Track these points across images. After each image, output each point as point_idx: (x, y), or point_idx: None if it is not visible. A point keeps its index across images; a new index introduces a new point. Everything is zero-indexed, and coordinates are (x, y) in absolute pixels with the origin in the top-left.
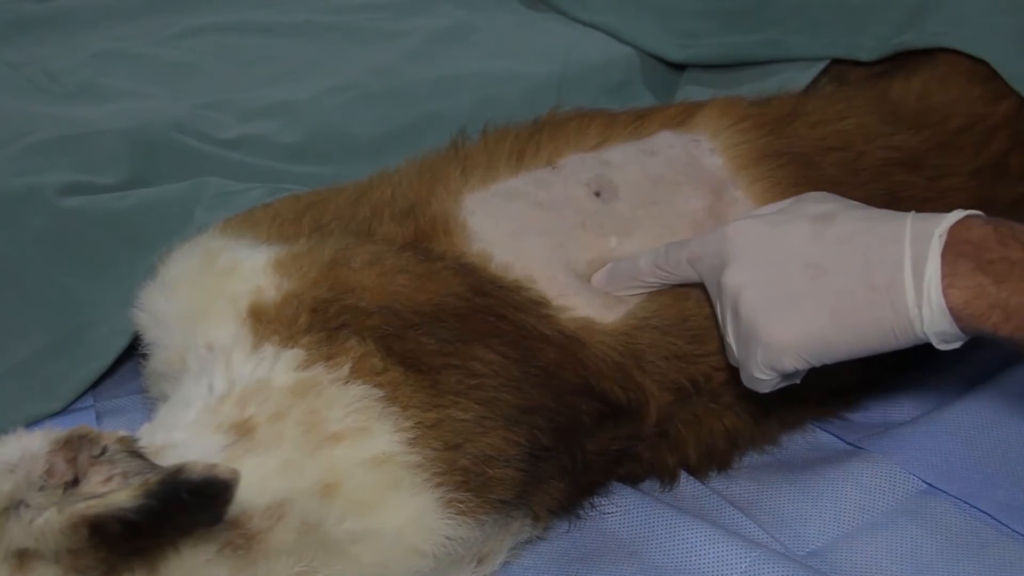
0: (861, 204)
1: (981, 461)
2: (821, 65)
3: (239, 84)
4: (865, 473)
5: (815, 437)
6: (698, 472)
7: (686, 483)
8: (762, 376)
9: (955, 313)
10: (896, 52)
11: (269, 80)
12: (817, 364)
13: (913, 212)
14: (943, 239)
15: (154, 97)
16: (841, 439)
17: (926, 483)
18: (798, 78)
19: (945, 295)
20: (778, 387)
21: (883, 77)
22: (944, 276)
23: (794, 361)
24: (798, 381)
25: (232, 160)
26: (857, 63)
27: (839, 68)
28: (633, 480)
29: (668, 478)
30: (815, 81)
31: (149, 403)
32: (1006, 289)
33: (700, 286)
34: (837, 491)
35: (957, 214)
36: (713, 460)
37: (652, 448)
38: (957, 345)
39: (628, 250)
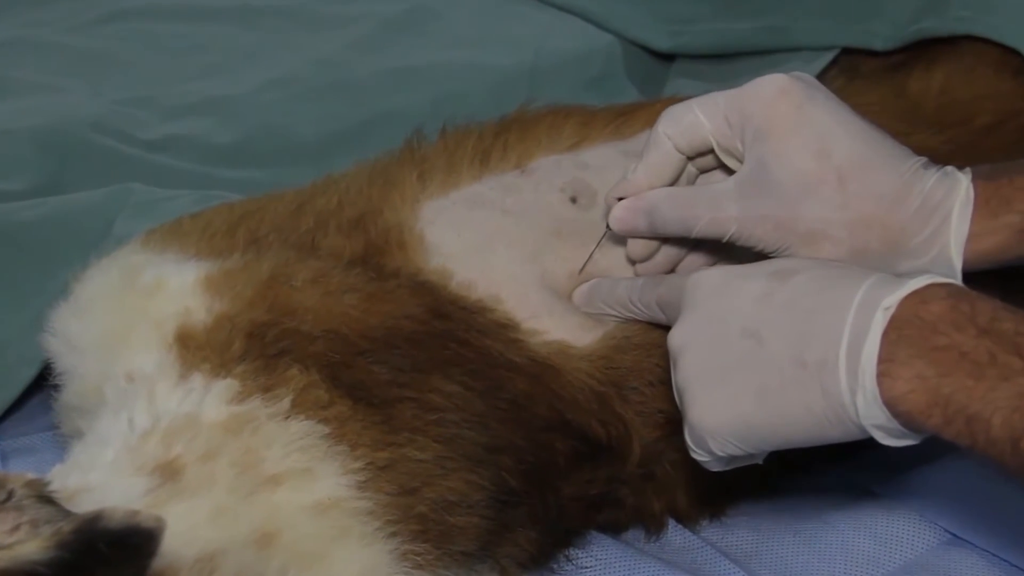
0: (841, 263)
1: (1011, 508)
2: (830, 55)
3: (165, 77)
4: (880, 521)
5: (823, 479)
6: (689, 519)
7: (675, 532)
8: (698, 457)
9: (891, 406)
10: (915, 40)
11: (199, 72)
12: (754, 451)
13: (878, 274)
14: (889, 313)
15: (68, 91)
16: (852, 482)
17: (950, 533)
18: (803, 69)
19: (879, 384)
20: (732, 467)
21: (900, 69)
22: (881, 360)
23: (721, 445)
24: (758, 462)
25: (157, 163)
26: (871, 53)
27: (850, 59)
28: (614, 529)
29: (654, 526)
30: (823, 73)
31: (62, 441)
32: (949, 384)
33: None
34: (847, 542)
35: (920, 280)
36: (706, 505)
37: (636, 492)
38: (908, 443)
39: (612, 262)
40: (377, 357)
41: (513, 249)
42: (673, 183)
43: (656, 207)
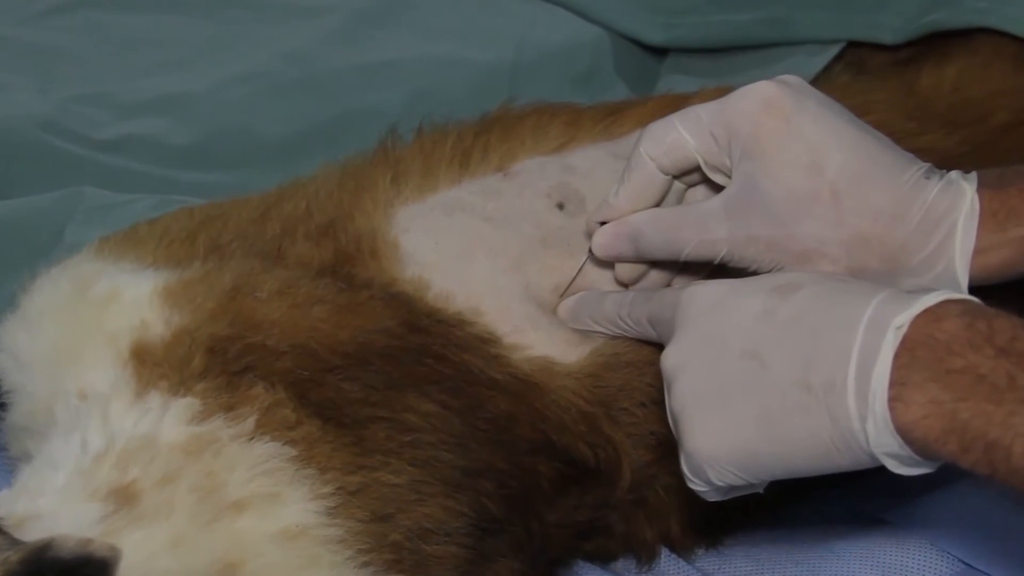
0: (846, 277)
1: None
2: (834, 50)
3: (120, 72)
4: (889, 551)
5: (827, 506)
6: (683, 548)
7: (668, 562)
8: (695, 487)
9: (903, 433)
10: (926, 33)
11: (157, 67)
12: (756, 480)
13: (888, 289)
14: (901, 332)
15: (15, 88)
16: (859, 509)
17: (964, 563)
18: (806, 65)
19: (891, 409)
20: (731, 496)
21: (910, 64)
22: (892, 384)
23: (720, 475)
24: (759, 491)
25: (111, 165)
26: (878, 47)
27: (856, 53)
28: (603, 558)
29: (646, 556)
30: (827, 69)
31: (9, 464)
32: (966, 410)
33: None
34: (854, 574)
35: (933, 297)
36: (701, 533)
37: (626, 519)
38: (922, 471)
39: (600, 275)
40: (348, 374)
41: (495, 258)
42: (658, 204)
43: (641, 232)
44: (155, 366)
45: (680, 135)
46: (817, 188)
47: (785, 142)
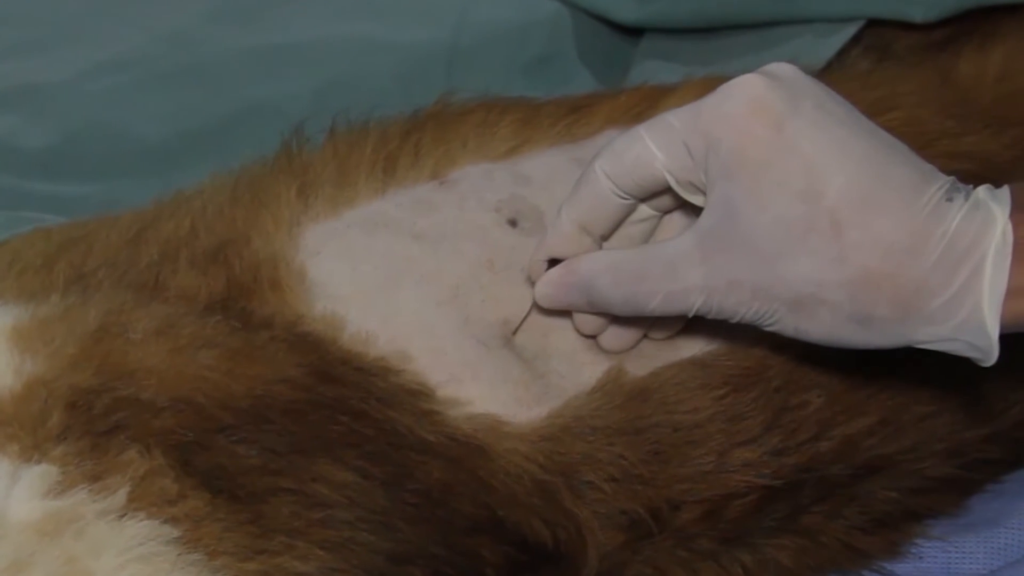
0: None
1: None
2: (852, 29)
3: None
4: None
5: None
6: None
7: None
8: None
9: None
10: (964, 9)
11: (4, 50)
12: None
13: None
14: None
15: None
16: None
17: None
18: (816, 48)
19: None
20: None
21: (946, 48)
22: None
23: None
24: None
25: None
26: (906, 25)
27: (879, 34)
28: None
29: None
30: (842, 53)
31: None
32: None
33: (663, 386)
34: None
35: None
36: None
37: None
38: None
39: (554, 319)
40: (243, 435)
41: (426, 286)
42: (613, 231)
43: (593, 285)
44: (2, 425)
45: (646, 147)
46: (814, 218)
47: (775, 157)
